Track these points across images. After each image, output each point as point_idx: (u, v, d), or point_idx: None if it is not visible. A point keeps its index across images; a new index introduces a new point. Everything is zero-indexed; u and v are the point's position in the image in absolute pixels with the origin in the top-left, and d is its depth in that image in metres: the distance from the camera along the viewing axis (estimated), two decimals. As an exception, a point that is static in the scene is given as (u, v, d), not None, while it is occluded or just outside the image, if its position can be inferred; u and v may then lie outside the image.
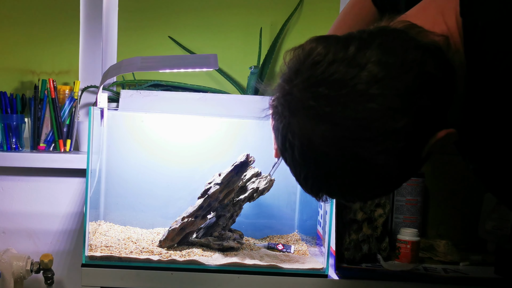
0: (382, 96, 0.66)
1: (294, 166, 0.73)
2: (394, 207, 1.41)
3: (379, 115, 0.66)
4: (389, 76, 0.66)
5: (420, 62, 0.68)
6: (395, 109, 0.66)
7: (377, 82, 0.66)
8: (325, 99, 0.67)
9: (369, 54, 0.67)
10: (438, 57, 0.70)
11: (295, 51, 0.72)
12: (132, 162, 1.41)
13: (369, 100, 0.66)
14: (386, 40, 0.69)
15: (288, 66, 0.72)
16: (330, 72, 0.67)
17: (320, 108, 0.67)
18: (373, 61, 0.66)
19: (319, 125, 0.68)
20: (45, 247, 1.56)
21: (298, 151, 0.70)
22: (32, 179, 1.55)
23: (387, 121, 0.66)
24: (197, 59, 1.26)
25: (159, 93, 1.38)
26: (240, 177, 1.25)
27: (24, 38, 1.62)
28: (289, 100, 0.70)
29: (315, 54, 0.69)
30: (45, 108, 1.50)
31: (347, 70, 0.67)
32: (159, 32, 1.64)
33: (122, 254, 1.17)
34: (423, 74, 0.68)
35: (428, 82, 0.68)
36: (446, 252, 1.32)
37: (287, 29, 1.63)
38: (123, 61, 1.19)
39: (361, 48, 0.68)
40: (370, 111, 0.66)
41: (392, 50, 0.68)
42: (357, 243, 1.25)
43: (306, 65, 0.69)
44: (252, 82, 1.56)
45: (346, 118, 0.67)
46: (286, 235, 1.42)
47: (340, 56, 0.67)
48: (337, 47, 0.69)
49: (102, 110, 1.29)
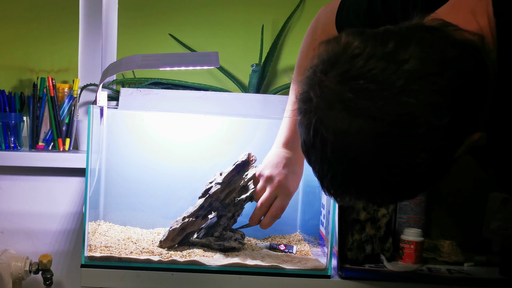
0: (423, 92, 0.65)
1: (321, 165, 0.71)
2: (397, 206, 1.40)
3: (421, 111, 0.65)
4: (431, 72, 0.66)
5: (459, 60, 0.67)
6: (437, 105, 0.65)
7: (419, 78, 0.65)
8: (364, 92, 0.66)
9: (411, 49, 0.66)
10: (475, 56, 0.69)
11: (329, 44, 0.70)
12: (132, 161, 1.41)
13: (410, 95, 0.65)
14: (425, 36, 0.68)
15: (322, 59, 0.70)
16: (370, 66, 0.66)
17: (358, 101, 0.66)
18: (414, 56, 0.66)
19: (357, 119, 0.66)
20: (44, 247, 1.56)
21: (330, 147, 0.68)
22: (31, 178, 1.55)
23: (430, 117, 0.65)
24: (198, 57, 1.25)
25: (159, 91, 1.38)
26: (242, 176, 1.25)
27: (22, 36, 1.62)
28: (326, 92, 0.68)
29: (353, 47, 0.68)
30: (44, 107, 1.50)
31: (388, 65, 0.65)
32: (159, 30, 1.64)
33: (122, 254, 1.17)
34: (462, 72, 0.67)
35: (467, 81, 0.67)
36: (451, 252, 1.31)
37: (289, 26, 1.63)
38: (123, 59, 1.19)
39: (401, 43, 0.67)
40: (412, 106, 0.65)
41: (432, 47, 0.67)
42: (360, 244, 1.24)
43: (344, 58, 0.68)
44: (253, 80, 1.55)
45: (387, 113, 0.65)
46: (288, 235, 1.42)
47: (379, 51, 0.66)
48: (375, 41, 0.68)
49: (102, 108, 1.29)
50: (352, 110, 0.66)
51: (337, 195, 0.74)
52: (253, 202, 1.28)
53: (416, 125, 0.65)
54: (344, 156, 0.68)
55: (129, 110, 1.38)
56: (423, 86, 0.65)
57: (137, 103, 1.35)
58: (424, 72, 0.65)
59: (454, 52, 0.67)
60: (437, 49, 0.67)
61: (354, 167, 0.68)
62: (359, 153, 0.67)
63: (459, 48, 0.68)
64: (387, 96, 0.65)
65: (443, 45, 0.68)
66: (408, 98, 0.65)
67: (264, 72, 1.59)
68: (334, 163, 0.69)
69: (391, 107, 0.65)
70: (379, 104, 0.65)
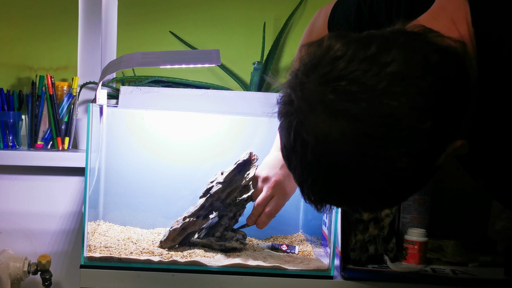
0: (406, 94, 0.64)
1: (301, 169, 0.70)
2: (401, 206, 1.40)
3: (404, 114, 0.64)
4: (414, 75, 0.65)
5: (442, 65, 0.67)
6: (420, 109, 0.65)
7: (401, 80, 0.65)
8: (346, 94, 0.65)
9: (393, 52, 0.66)
10: (457, 63, 0.69)
11: (311, 47, 0.70)
12: (132, 161, 1.41)
13: (393, 97, 0.64)
14: (407, 40, 0.68)
15: (304, 62, 0.70)
16: (352, 68, 0.65)
17: (340, 103, 0.65)
18: (397, 59, 0.65)
19: (338, 121, 0.65)
20: (42, 247, 1.56)
21: (311, 150, 0.67)
22: (30, 178, 1.54)
23: (412, 120, 0.65)
24: (199, 54, 1.25)
25: (160, 89, 1.38)
26: (243, 175, 1.25)
27: (21, 33, 1.62)
28: (307, 94, 0.67)
29: (335, 49, 0.67)
30: (43, 105, 1.49)
31: (370, 67, 0.65)
32: (159, 27, 1.63)
33: (121, 255, 1.16)
34: (445, 78, 0.67)
35: (450, 86, 0.67)
36: (455, 253, 1.30)
37: (291, 24, 1.63)
38: (122, 57, 1.18)
39: (384, 46, 0.66)
40: (394, 109, 0.64)
41: (415, 51, 0.67)
42: (363, 244, 1.23)
43: (325, 60, 0.67)
44: (255, 78, 1.55)
45: (370, 114, 0.64)
46: (290, 236, 1.42)
47: (362, 54, 0.66)
48: (357, 44, 0.67)
49: (101, 107, 1.28)
50: (334, 112, 0.65)
51: (317, 201, 0.73)
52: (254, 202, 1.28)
53: (398, 128, 0.65)
54: (325, 159, 0.67)
55: (129, 108, 1.37)
56: (406, 89, 0.65)
57: (137, 102, 1.35)
58: (407, 75, 0.65)
59: (436, 57, 0.67)
60: (420, 53, 0.67)
61: (335, 170, 0.67)
62: (341, 156, 0.66)
63: (441, 54, 0.68)
64: (369, 98, 0.64)
65: (426, 49, 0.68)
66: (390, 100, 0.64)
67: (266, 70, 1.59)
68: (314, 167, 0.68)
69: (373, 109, 0.64)
70: (362, 106, 0.64)
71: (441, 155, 0.69)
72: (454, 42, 0.70)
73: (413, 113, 0.65)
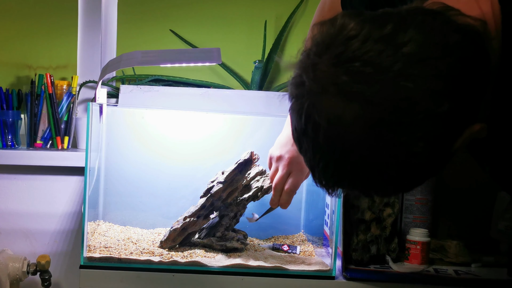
0: (423, 76, 0.62)
1: (313, 153, 0.67)
2: (403, 206, 1.39)
3: (420, 97, 0.62)
4: (431, 57, 0.63)
5: (461, 46, 0.64)
6: (437, 91, 0.62)
7: (418, 62, 0.62)
8: (360, 75, 0.62)
9: (410, 32, 0.63)
10: (477, 43, 0.66)
11: (323, 25, 0.67)
12: (132, 160, 1.40)
13: (408, 80, 0.62)
14: (426, 20, 0.65)
15: (316, 41, 0.67)
16: (366, 48, 0.63)
17: (353, 84, 0.62)
18: (414, 39, 0.63)
19: (352, 104, 0.62)
20: (42, 248, 1.55)
21: (322, 134, 0.65)
22: (29, 177, 1.54)
23: (429, 104, 0.62)
24: (200, 53, 1.25)
25: (160, 88, 1.39)
26: (244, 175, 1.25)
27: (20, 32, 1.61)
28: (319, 75, 0.65)
29: (349, 29, 0.64)
30: (42, 104, 1.49)
31: (385, 47, 0.62)
32: (160, 25, 1.63)
33: (121, 255, 1.16)
34: (464, 59, 0.64)
35: (469, 68, 0.64)
36: (458, 253, 1.30)
37: (293, 22, 1.62)
38: (122, 55, 1.18)
39: (400, 25, 0.64)
40: (410, 91, 0.62)
41: (433, 30, 0.64)
42: (365, 244, 1.23)
43: (338, 40, 0.64)
44: (256, 77, 1.55)
45: (385, 98, 0.62)
46: (291, 236, 1.42)
47: (377, 33, 0.63)
48: (372, 23, 0.64)
49: (101, 106, 1.28)
50: (347, 94, 0.63)
51: (328, 186, 0.71)
52: (255, 202, 1.28)
53: (414, 112, 0.62)
54: (337, 144, 0.65)
55: (129, 107, 1.37)
56: (422, 71, 0.62)
57: (137, 101, 1.35)
58: (424, 56, 0.63)
59: (456, 37, 0.65)
60: (438, 33, 0.64)
61: (348, 155, 0.65)
62: (354, 141, 0.64)
63: (461, 34, 0.65)
64: (384, 80, 0.62)
65: (445, 29, 0.65)
66: (406, 82, 0.62)
67: (267, 69, 1.59)
68: (326, 151, 0.66)
69: (388, 91, 0.62)
70: (376, 88, 0.62)
71: (458, 139, 0.67)
72: (474, 20, 0.67)
73: (429, 95, 0.62)
